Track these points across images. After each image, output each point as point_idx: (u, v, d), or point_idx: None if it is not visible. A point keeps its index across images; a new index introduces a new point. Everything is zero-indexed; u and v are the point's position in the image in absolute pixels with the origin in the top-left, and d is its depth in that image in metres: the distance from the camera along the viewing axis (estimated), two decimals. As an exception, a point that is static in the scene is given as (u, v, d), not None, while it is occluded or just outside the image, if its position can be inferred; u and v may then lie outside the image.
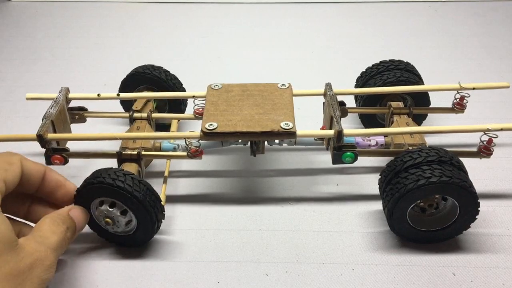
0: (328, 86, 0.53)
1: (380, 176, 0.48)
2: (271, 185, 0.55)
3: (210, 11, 1.03)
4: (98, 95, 0.54)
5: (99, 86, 0.75)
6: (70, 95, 0.54)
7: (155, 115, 0.57)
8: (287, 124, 0.46)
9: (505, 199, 0.52)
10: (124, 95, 0.56)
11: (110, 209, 0.44)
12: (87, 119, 0.56)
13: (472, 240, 0.47)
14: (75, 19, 1.00)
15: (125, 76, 0.61)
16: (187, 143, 0.48)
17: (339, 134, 0.46)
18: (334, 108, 0.48)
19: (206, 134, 0.46)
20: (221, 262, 0.46)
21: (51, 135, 0.48)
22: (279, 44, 0.89)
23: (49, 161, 0.49)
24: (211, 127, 0.46)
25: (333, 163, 0.48)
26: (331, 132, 0.47)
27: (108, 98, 0.55)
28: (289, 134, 0.46)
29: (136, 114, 0.56)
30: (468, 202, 0.44)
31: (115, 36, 0.92)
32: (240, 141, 0.51)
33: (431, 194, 0.44)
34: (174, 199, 0.53)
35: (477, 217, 0.45)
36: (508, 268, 0.45)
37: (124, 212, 0.45)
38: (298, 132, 0.46)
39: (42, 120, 0.49)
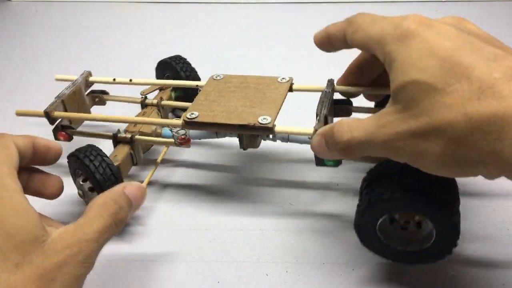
0: (330, 82, 0.49)
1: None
2: (271, 185, 0.55)
3: (210, 11, 1.03)
4: (114, 79, 0.57)
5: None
6: (91, 79, 0.57)
7: (165, 102, 0.58)
8: (265, 118, 0.44)
9: (505, 199, 0.52)
10: (135, 80, 0.58)
11: (82, 183, 0.48)
12: (108, 102, 0.60)
13: (472, 240, 0.47)
14: (75, 19, 1.00)
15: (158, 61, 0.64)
16: (173, 131, 0.49)
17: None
18: (323, 106, 0.45)
19: (187, 123, 0.47)
20: (221, 262, 0.46)
21: (57, 113, 0.51)
22: (285, 43, 0.88)
23: (56, 137, 0.53)
24: (192, 116, 0.46)
25: (316, 164, 0.46)
26: (310, 130, 0.43)
27: (122, 83, 0.58)
28: (266, 129, 0.44)
29: (147, 100, 0.58)
30: (443, 221, 0.37)
31: (115, 36, 0.92)
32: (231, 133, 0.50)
33: (397, 209, 0.39)
34: (173, 199, 0.53)
35: (458, 242, 0.38)
36: (508, 268, 0.45)
37: (92, 189, 0.47)
38: (277, 128, 0.45)
39: (55, 99, 0.52)
